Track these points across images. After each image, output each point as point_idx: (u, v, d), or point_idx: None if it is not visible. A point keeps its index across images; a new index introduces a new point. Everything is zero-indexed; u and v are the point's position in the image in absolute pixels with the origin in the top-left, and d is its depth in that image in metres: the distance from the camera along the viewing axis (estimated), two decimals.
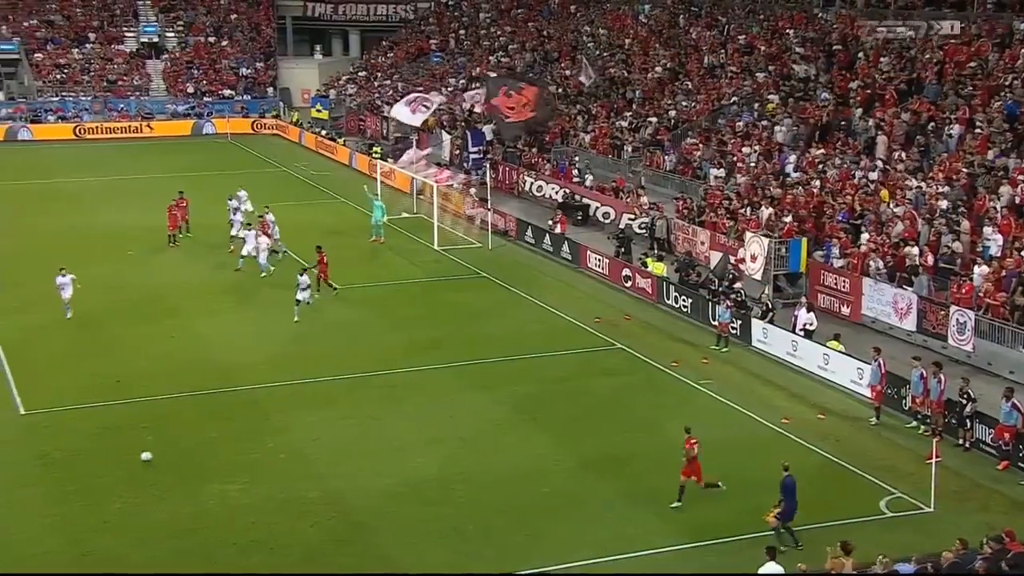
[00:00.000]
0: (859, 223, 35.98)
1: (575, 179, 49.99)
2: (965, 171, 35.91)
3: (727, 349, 32.18)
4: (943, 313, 30.96)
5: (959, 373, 27.69)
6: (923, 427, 26.37)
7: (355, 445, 25.77)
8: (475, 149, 55.98)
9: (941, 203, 34.92)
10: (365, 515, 22.45)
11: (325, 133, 69.77)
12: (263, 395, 28.74)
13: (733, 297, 33.61)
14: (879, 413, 27.26)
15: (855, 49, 48.00)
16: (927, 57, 44.05)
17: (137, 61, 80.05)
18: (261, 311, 35.60)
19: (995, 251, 31.86)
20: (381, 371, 30.42)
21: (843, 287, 34.23)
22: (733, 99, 50.64)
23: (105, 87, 76.83)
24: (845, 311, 33.96)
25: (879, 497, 23.17)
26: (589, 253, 40.90)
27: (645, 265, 38.00)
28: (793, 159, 42.31)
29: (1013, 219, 32.57)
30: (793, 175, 41.21)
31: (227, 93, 78.43)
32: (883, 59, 45.81)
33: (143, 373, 30.03)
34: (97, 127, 72.33)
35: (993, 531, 19.05)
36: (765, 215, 38.18)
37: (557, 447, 25.70)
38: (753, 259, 35.87)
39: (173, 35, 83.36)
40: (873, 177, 38.27)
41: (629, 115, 54.97)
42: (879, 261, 33.67)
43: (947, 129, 38.87)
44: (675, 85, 55.35)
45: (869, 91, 44.07)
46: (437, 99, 55.17)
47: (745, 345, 32.38)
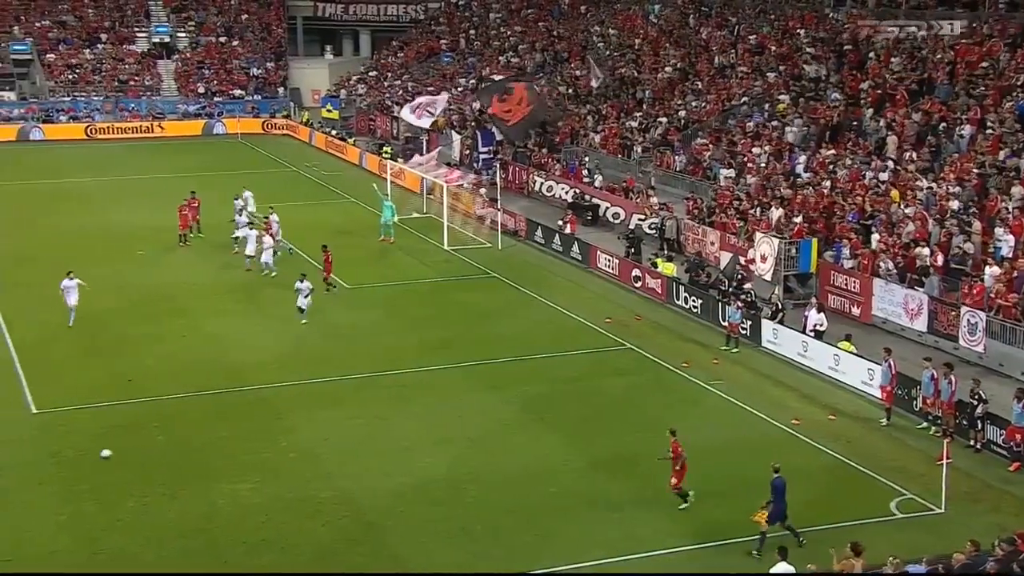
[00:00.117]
0: (869, 224, 35.90)
1: (585, 179, 49.95)
2: (976, 171, 35.82)
3: (737, 350, 32.11)
4: (954, 314, 30.86)
5: (970, 374, 27.63)
6: (934, 428, 26.29)
7: (365, 445, 25.78)
8: (485, 149, 56.09)
9: (952, 204, 34.80)
10: (375, 515, 22.45)
11: (335, 133, 69.83)
12: (273, 394, 28.76)
13: (743, 298, 33.59)
14: (890, 414, 27.17)
15: (866, 49, 47.88)
16: (938, 57, 43.85)
17: (148, 61, 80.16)
18: (270, 311, 35.62)
19: (1007, 252, 31.75)
20: (391, 371, 30.42)
21: (853, 288, 34.13)
22: (743, 99, 50.50)
23: (116, 87, 76.99)
24: (855, 312, 33.86)
25: (890, 498, 23.10)
26: (599, 253, 40.86)
27: (655, 265, 37.95)
28: (803, 159, 42.15)
29: None
30: (803, 175, 41.07)
31: (238, 93, 78.54)
32: (894, 59, 45.61)
33: (153, 372, 30.09)
34: (108, 127, 72.48)
35: (1005, 533, 18.95)
36: (775, 215, 38.09)
37: (567, 447, 25.70)
38: (763, 260, 35.77)
39: (184, 35, 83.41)
40: (884, 178, 38.12)
41: (639, 115, 54.86)
42: (889, 262, 33.59)
43: (958, 129, 38.72)
44: (685, 85, 55.23)
45: (880, 91, 43.87)
46: (441, 103, 55.18)
47: (755, 346, 32.31)
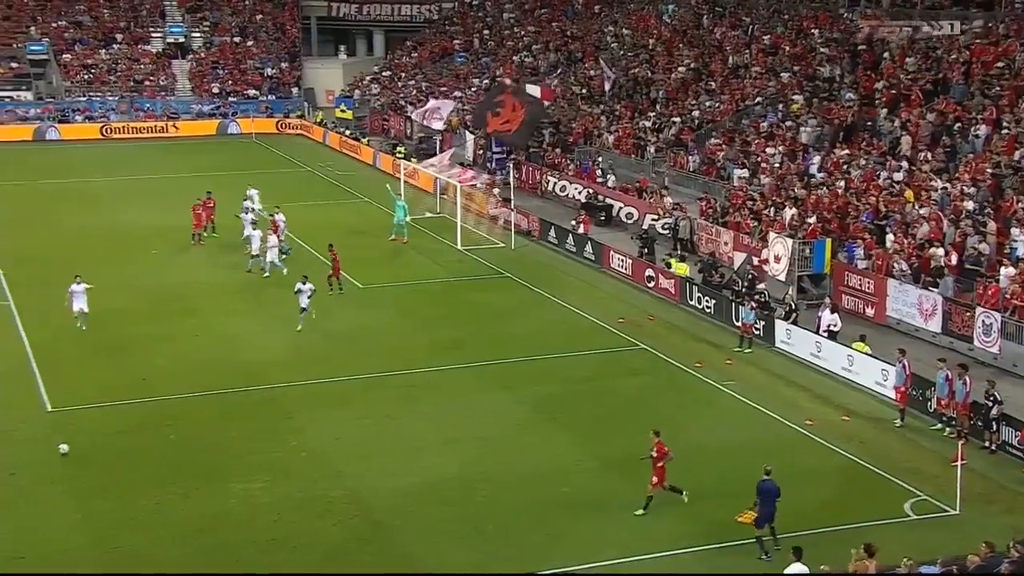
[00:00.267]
0: (884, 224, 35.80)
1: (598, 179, 49.93)
2: (991, 172, 35.71)
3: (750, 350, 32.05)
4: (969, 315, 30.77)
5: (985, 375, 27.58)
6: (948, 429, 26.21)
7: (376, 444, 25.80)
8: (498, 149, 56.04)
9: (967, 204, 34.70)
10: (386, 514, 22.47)
11: (349, 133, 69.92)
12: (284, 394, 28.81)
13: (756, 298, 33.53)
14: (904, 415, 27.10)
15: (880, 49, 47.74)
16: (953, 57, 43.74)
17: (163, 61, 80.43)
18: (281, 311, 35.54)
19: (1022, 252, 31.66)
20: (402, 371, 30.43)
21: (867, 288, 34.06)
22: (757, 99, 50.44)
23: (132, 87, 77.28)
24: (869, 312, 33.78)
25: (903, 499, 23.05)
26: (612, 253, 40.83)
27: (668, 266, 37.91)
28: (817, 160, 42.09)
29: None
30: (817, 176, 41.02)
31: (252, 93, 78.70)
32: (909, 59, 45.52)
33: (166, 372, 30.16)
34: (123, 127, 72.71)
35: (1020, 534, 18.92)
36: (789, 216, 38.06)
37: (579, 447, 25.69)
38: (777, 260, 35.69)
39: (199, 35, 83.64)
40: (898, 178, 38.04)
41: (653, 115, 54.84)
42: (903, 263, 33.48)
43: (973, 130, 38.62)
44: (699, 85, 55.18)
45: (894, 91, 43.80)
46: (447, 109, 55.12)
47: (769, 346, 32.25)
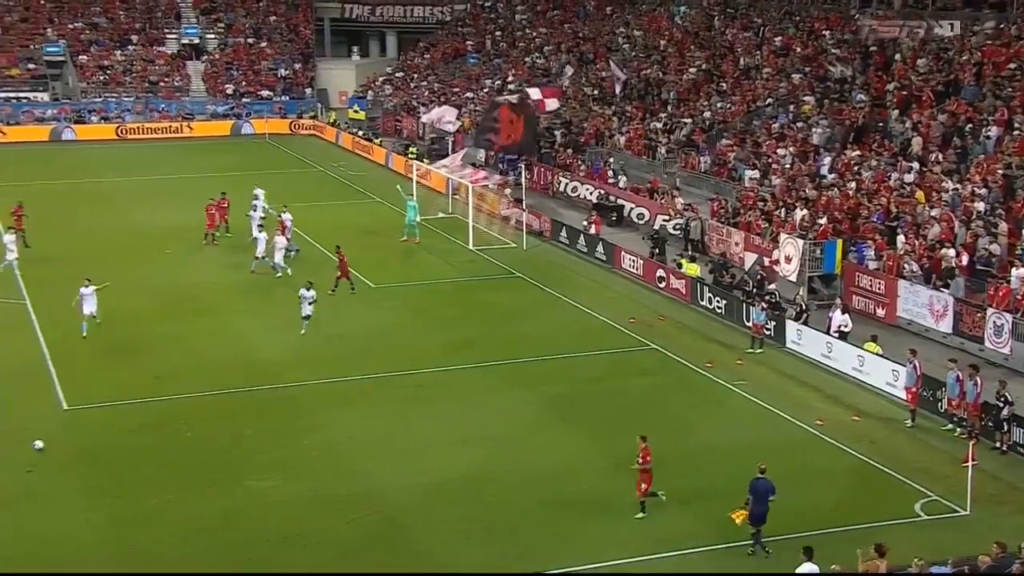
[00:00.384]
0: (895, 225, 35.81)
1: (610, 180, 50.00)
2: (1002, 173, 35.69)
3: (761, 350, 32.11)
4: (980, 315, 30.78)
5: (996, 376, 27.55)
6: (959, 430, 26.20)
7: (388, 443, 25.94)
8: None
9: (978, 205, 34.70)
10: (399, 512, 22.59)
11: (362, 134, 70.12)
12: (297, 393, 28.97)
13: (767, 298, 33.58)
14: (914, 415, 27.12)
15: (892, 51, 47.76)
16: (965, 58, 43.75)
17: (178, 62, 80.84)
18: (294, 310, 35.53)
19: None
20: (414, 370, 30.55)
21: (878, 289, 34.10)
22: (768, 101, 50.49)
23: (147, 88, 77.69)
24: (880, 313, 33.82)
25: (914, 499, 23.08)
26: (623, 254, 40.91)
27: (679, 266, 37.97)
28: (828, 161, 42.08)
29: None
30: (828, 177, 41.02)
31: (265, 94, 79.03)
32: (920, 61, 45.55)
33: (180, 370, 30.35)
34: (139, 127, 73.10)
35: None
36: (800, 217, 38.09)
37: (590, 447, 25.78)
38: (788, 260, 35.75)
39: (213, 37, 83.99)
40: (909, 179, 38.05)
41: (664, 116, 54.93)
42: (914, 263, 33.50)
43: (985, 131, 38.61)
44: (710, 86, 55.24)
45: (906, 93, 43.80)
46: (448, 116, 55.22)
47: (779, 346, 32.31)
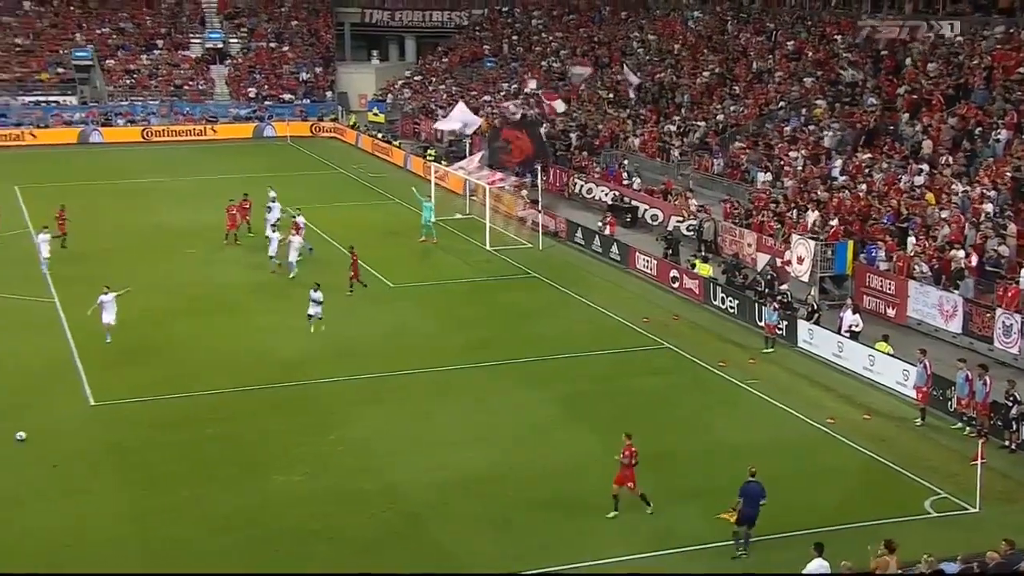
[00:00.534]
0: (905, 226, 36.04)
1: (624, 182, 50.36)
2: (1011, 175, 35.94)
3: (772, 350, 32.35)
4: (989, 316, 30.95)
5: (1005, 375, 27.65)
6: (968, 428, 26.33)
7: (407, 440, 26.26)
8: None
9: (987, 207, 34.95)
10: (419, 507, 22.91)
11: (381, 136, 70.74)
12: (320, 390, 29.36)
13: (779, 299, 33.89)
14: (924, 414, 27.29)
15: (903, 55, 48.08)
16: (975, 63, 44.03)
17: (202, 66, 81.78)
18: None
19: None
20: (433, 368, 30.90)
21: (888, 289, 34.35)
22: (781, 104, 50.85)
23: (172, 91, 78.64)
24: (890, 313, 34.06)
25: (924, 497, 23.22)
26: (638, 254, 41.21)
27: (693, 266, 38.27)
28: (840, 163, 42.36)
29: None
30: (840, 179, 41.26)
31: (287, 97, 79.90)
32: (930, 65, 45.81)
33: (205, 367, 30.79)
34: (163, 130, 74.14)
35: None
36: (812, 218, 38.37)
37: (605, 445, 25.65)
38: (800, 261, 36.11)
39: (236, 41, 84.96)
40: (919, 181, 38.28)
41: (678, 119, 55.32)
42: (924, 265, 33.74)
43: (994, 134, 38.87)
44: (723, 90, 55.61)
45: (916, 96, 44.07)
46: (458, 117, 55.68)
47: (791, 346, 32.52)
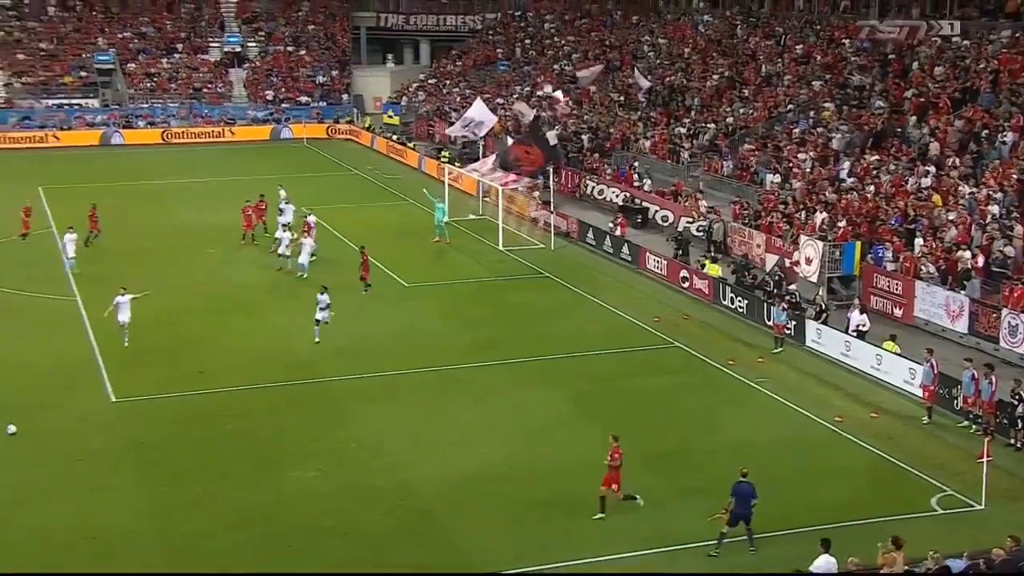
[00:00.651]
0: (912, 228, 36.25)
1: (635, 183, 50.60)
2: (1017, 177, 36.17)
3: (781, 349, 32.54)
4: (995, 316, 31.14)
5: (1011, 375, 27.82)
6: (974, 427, 26.53)
7: (421, 437, 26.55)
8: None
9: (993, 208, 35.13)
10: (431, 504, 23.17)
11: (396, 138, 71.27)
12: (335, 387, 29.70)
13: (788, 299, 34.13)
14: (931, 413, 27.46)
15: (910, 59, 48.33)
16: (981, 66, 44.25)
17: (221, 70, 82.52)
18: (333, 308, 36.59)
19: None
20: (446, 366, 31.18)
21: (896, 290, 34.56)
22: (789, 107, 51.07)
23: (191, 94, 79.35)
24: (898, 313, 34.27)
25: (930, 494, 23.40)
26: (648, 255, 41.42)
27: (702, 267, 38.53)
28: (848, 165, 42.51)
29: None
30: (848, 181, 41.44)
31: (304, 100, 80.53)
32: (937, 68, 46.01)
33: (222, 365, 31.18)
34: (183, 132, 74.91)
35: None
36: (820, 219, 38.59)
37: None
38: (808, 262, 36.38)
39: (254, 45, 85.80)
40: (926, 183, 38.46)
41: (688, 121, 55.61)
42: (931, 265, 33.96)
43: (1000, 136, 39.07)
44: (733, 93, 55.83)
45: (923, 99, 44.25)
46: (486, 119, 55.90)
47: (799, 345, 32.71)
